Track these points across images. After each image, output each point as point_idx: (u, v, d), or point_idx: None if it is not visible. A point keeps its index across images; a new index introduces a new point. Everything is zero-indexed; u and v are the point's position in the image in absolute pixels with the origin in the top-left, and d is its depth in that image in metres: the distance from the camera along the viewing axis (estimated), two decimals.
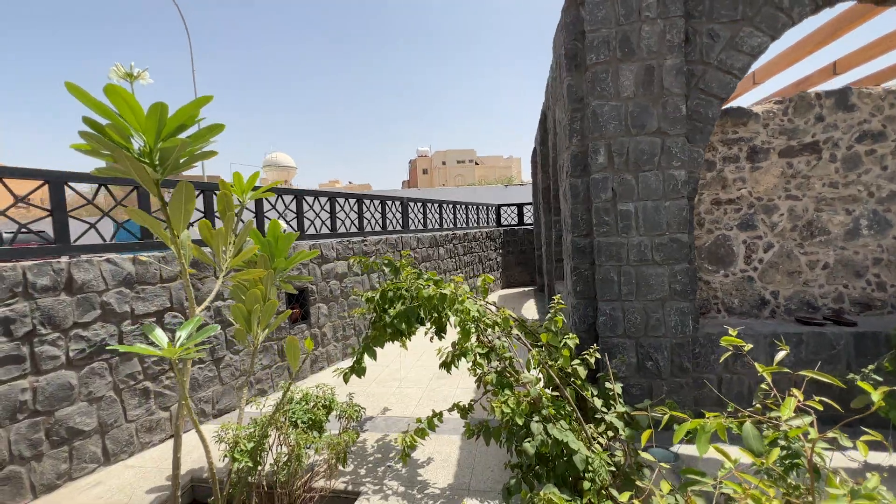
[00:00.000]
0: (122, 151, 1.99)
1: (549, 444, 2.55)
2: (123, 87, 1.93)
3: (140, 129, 2.07)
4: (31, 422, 3.37)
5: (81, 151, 2.12)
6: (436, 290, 2.90)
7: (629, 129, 3.78)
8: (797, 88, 8.18)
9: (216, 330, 2.37)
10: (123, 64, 2.14)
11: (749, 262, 4.29)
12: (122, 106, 1.97)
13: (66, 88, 1.92)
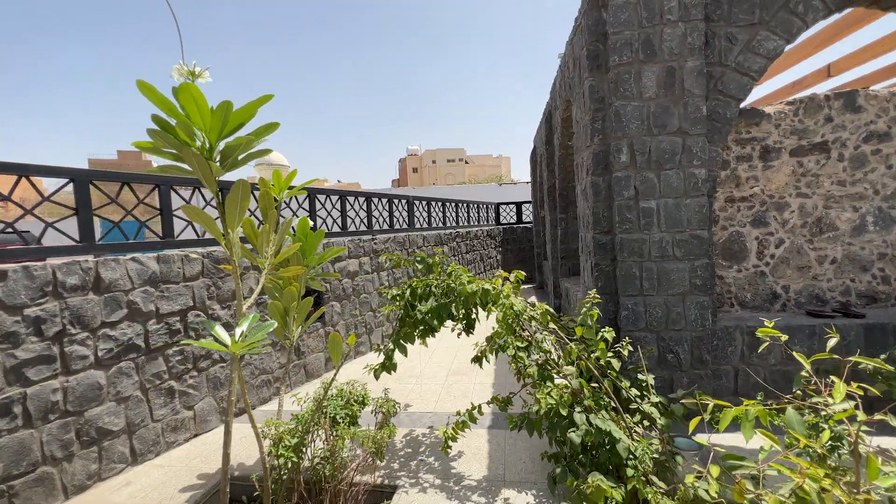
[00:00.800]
0: (189, 149, 2.01)
1: (592, 433, 2.64)
2: (196, 86, 1.95)
3: (204, 128, 2.09)
4: (62, 422, 3.34)
5: (143, 149, 2.14)
6: (479, 285, 2.96)
7: (651, 129, 3.90)
8: (792, 90, 8.44)
9: (273, 326, 2.40)
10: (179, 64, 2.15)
11: (761, 257, 4.45)
12: (190, 104, 1.99)
13: (137, 87, 1.93)
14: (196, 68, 2.17)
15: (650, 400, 3.01)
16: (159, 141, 2.05)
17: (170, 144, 2.05)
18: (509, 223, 14.73)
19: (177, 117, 2.04)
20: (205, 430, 4.41)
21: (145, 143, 2.15)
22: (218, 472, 3.63)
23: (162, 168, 2.20)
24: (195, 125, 2.05)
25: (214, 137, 2.15)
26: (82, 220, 3.72)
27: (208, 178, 2.17)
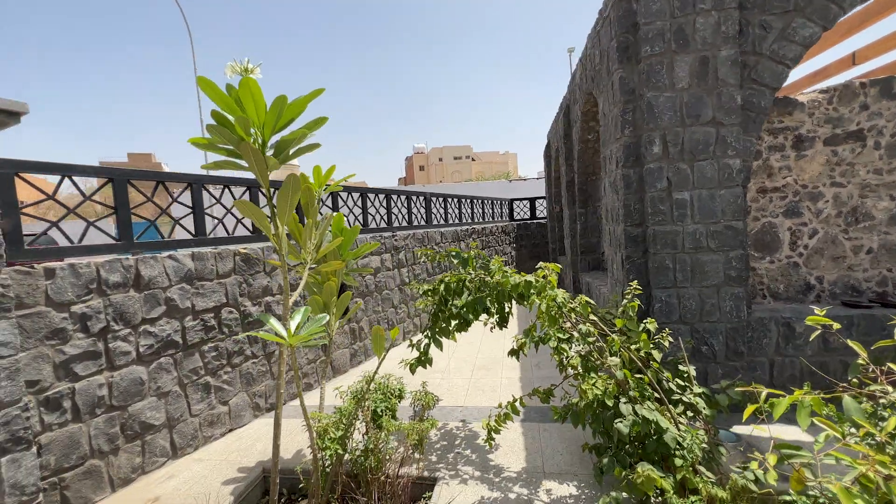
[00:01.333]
0: (247, 144, 2.04)
1: (639, 423, 2.64)
2: (255, 81, 1.97)
3: (259, 123, 2.12)
4: (108, 416, 3.41)
5: (198, 146, 2.17)
6: (522, 277, 2.97)
7: (684, 120, 3.87)
8: (813, 80, 8.31)
9: (325, 320, 2.42)
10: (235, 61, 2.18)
11: (794, 248, 4.40)
12: (248, 99, 2.02)
13: (198, 84, 1.96)
14: (248, 64, 2.19)
15: (693, 391, 3.00)
16: (216, 137, 2.08)
17: (227, 140, 2.08)
18: (523, 219, 14.68)
19: (233, 113, 2.07)
20: (239, 425, 4.47)
21: (201, 140, 2.18)
22: (257, 465, 3.68)
23: (217, 164, 2.23)
24: (252, 120, 2.07)
25: (269, 132, 2.18)
26: (121, 219, 3.78)
27: (263, 173, 2.19)
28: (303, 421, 4.45)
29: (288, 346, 2.23)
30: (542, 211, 14.94)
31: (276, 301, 4.97)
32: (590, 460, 3.39)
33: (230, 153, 2.20)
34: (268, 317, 2.30)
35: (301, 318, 2.35)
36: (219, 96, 2.01)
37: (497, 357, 6.30)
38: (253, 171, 2.17)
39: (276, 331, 2.23)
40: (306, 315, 2.39)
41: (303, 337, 2.22)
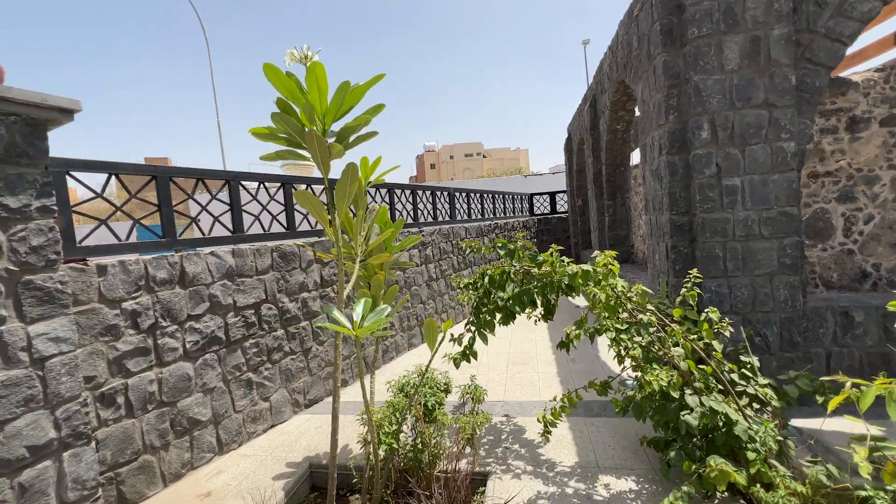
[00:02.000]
0: (312, 132, 2.00)
1: (707, 416, 2.54)
2: (322, 67, 1.93)
3: (321, 110, 2.08)
4: (159, 412, 3.43)
5: (259, 137, 2.14)
6: (579, 267, 2.89)
7: (734, 103, 3.73)
8: (851, 62, 8.01)
9: (388, 312, 2.38)
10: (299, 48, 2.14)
11: (848, 234, 4.23)
12: (313, 86, 1.97)
13: (263, 71, 1.92)
14: (308, 51, 2.15)
15: (757, 382, 2.89)
16: (279, 125, 2.04)
17: (290, 128, 2.04)
18: (543, 214, 14.53)
19: (296, 100, 2.03)
20: (279, 421, 4.48)
21: (262, 129, 2.15)
22: (304, 460, 3.67)
23: (278, 154, 2.20)
24: (315, 107, 2.03)
25: (330, 120, 2.13)
26: (165, 216, 3.80)
27: (325, 162, 2.15)
28: (346, 416, 4.44)
29: (354, 338, 2.19)
30: (563, 205, 14.77)
31: (312, 297, 4.96)
32: (645, 454, 3.30)
33: (291, 142, 2.17)
34: (331, 308, 2.26)
35: (364, 310, 2.31)
36: (283, 83, 1.98)
37: (530, 351, 6.21)
38: (315, 159, 2.13)
39: (341, 322, 2.19)
40: (368, 307, 2.35)
41: (369, 328, 2.18)
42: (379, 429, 2.96)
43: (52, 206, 2.68)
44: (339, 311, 2.51)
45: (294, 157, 2.20)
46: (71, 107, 2.82)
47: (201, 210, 4.12)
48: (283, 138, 2.17)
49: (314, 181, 5.50)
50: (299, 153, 2.19)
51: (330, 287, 5.24)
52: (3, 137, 2.52)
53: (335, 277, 5.33)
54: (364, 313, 2.29)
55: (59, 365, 2.73)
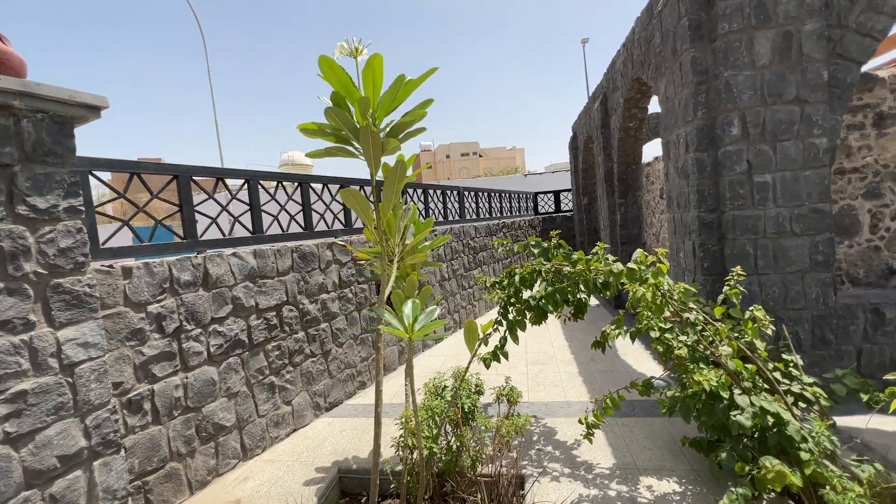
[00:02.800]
0: (367, 127, 1.92)
1: (758, 416, 2.49)
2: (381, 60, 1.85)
3: (375, 105, 2.00)
4: (184, 418, 3.34)
5: (307, 133, 2.06)
6: (620, 267, 2.83)
7: (765, 99, 3.69)
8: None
9: (437, 313, 2.31)
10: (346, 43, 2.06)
11: (875, 231, 4.21)
12: (369, 80, 1.90)
13: (318, 64, 1.85)
14: (358, 45, 2.07)
15: (802, 381, 2.85)
16: (333, 121, 1.96)
17: (344, 123, 1.96)
18: (548, 212, 14.50)
19: (350, 94, 1.95)
20: (301, 425, 4.39)
21: (310, 125, 2.07)
22: (333, 465, 3.59)
23: (327, 151, 2.12)
24: (371, 102, 1.96)
25: (383, 115, 2.06)
26: (186, 216, 3.70)
27: (377, 158, 2.08)
28: (369, 419, 4.36)
29: (408, 341, 2.12)
30: (567, 204, 14.75)
31: (331, 298, 4.88)
32: (683, 455, 3.26)
33: (340, 138, 2.09)
34: (382, 310, 2.19)
35: (413, 312, 2.24)
36: (338, 77, 1.90)
37: (548, 351, 6.16)
38: (367, 155, 2.05)
39: (394, 325, 2.12)
40: (417, 309, 2.27)
41: (423, 330, 2.11)
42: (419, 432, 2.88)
43: (79, 206, 2.59)
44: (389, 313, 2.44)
45: (344, 153, 2.12)
46: (98, 104, 2.72)
47: (221, 210, 4.02)
48: (330, 134, 2.09)
49: (347, 181, 5.37)
50: (349, 150, 2.11)
51: (348, 288, 5.15)
52: (31, 135, 2.42)
53: (353, 278, 5.24)
54: (415, 315, 2.21)
55: (89, 371, 2.64)
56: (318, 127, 2.06)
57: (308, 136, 2.11)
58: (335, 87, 1.94)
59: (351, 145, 2.11)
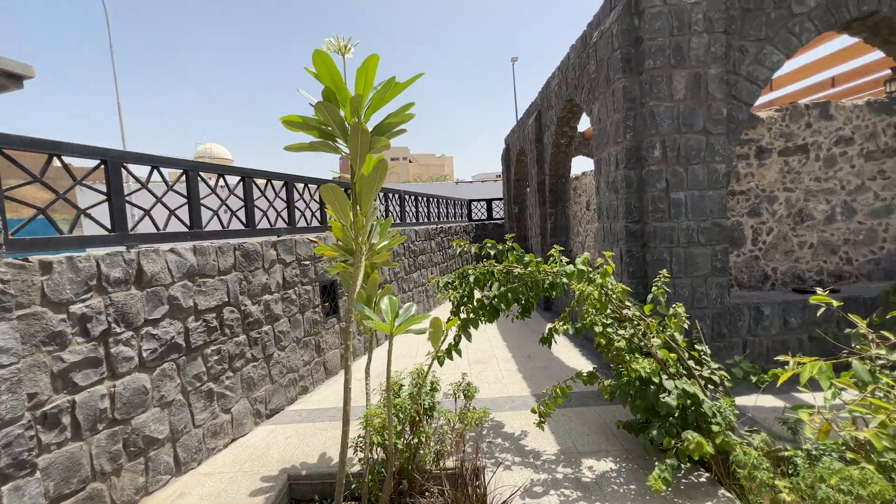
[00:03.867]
0: (358, 124, 1.96)
1: (682, 397, 2.93)
2: (376, 60, 1.90)
3: (362, 104, 2.05)
4: (111, 432, 2.98)
5: (290, 126, 2.05)
6: (573, 269, 3.13)
7: (680, 128, 4.33)
8: None
9: (413, 309, 2.37)
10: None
11: (756, 243, 5.11)
12: (362, 79, 1.95)
13: (313, 59, 1.85)
14: (344, 42, 2.10)
15: (711, 367, 3.39)
16: (321, 115, 1.97)
17: (333, 119, 1.97)
18: (480, 219, 15.06)
19: (341, 92, 1.98)
20: (241, 434, 4.12)
21: (294, 118, 2.06)
22: (281, 472, 3.44)
23: (312, 145, 2.11)
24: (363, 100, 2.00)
25: (371, 113, 2.10)
26: (115, 207, 3.32)
27: (363, 155, 2.11)
28: (315, 424, 4.24)
29: (390, 336, 2.17)
30: (498, 212, 15.46)
31: (274, 300, 4.65)
32: (616, 438, 3.66)
33: (325, 134, 2.09)
34: (361, 306, 2.21)
35: (391, 308, 2.29)
36: (330, 73, 1.91)
37: (488, 351, 6.45)
38: (353, 152, 2.08)
39: (376, 320, 2.16)
40: (395, 305, 2.33)
41: (404, 325, 2.17)
42: (382, 430, 2.91)
43: None
44: (351, 311, 2.46)
45: (328, 149, 2.12)
46: (22, 72, 2.40)
47: (157, 201, 3.66)
48: (314, 129, 2.08)
49: (293, 178, 5.10)
50: (334, 145, 2.11)
51: (292, 289, 4.95)
52: None
53: (297, 279, 5.05)
54: (394, 311, 2.26)
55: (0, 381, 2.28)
56: (302, 120, 2.04)
57: (290, 129, 2.08)
58: (326, 82, 1.94)
59: (335, 141, 2.12)
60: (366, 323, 2.09)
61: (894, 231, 5.21)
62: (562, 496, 2.95)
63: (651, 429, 2.98)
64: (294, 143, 2.12)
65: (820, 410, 2.68)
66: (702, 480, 3.03)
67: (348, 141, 2.02)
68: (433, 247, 9.85)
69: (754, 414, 4.05)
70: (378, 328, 2.14)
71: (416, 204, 9.79)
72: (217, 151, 26.06)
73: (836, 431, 2.57)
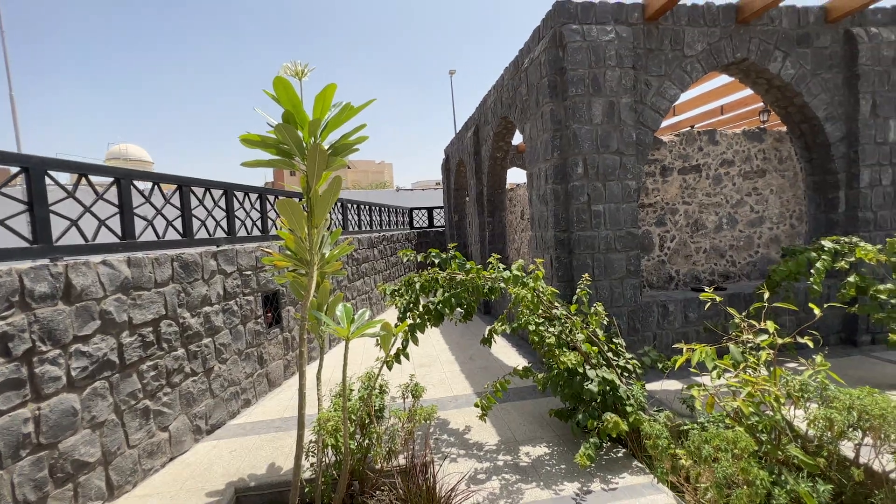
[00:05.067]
0: (316, 145, 2.14)
1: (602, 384, 3.39)
2: (333, 89, 2.09)
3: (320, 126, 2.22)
4: (35, 458, 2.80)
5: (248, 144, 2.18)
6: (509, 274, 3.48)
7: (598, 148, 4.93)
8: None
9: (367, 315, 2.55)
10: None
11: (662, 249, 5.90)
12: (320, 104, 2.13)
13: (273, 86, 2.00)
14: (300, 66, 2.26)
15: (625, 357, 3.92)
16: (281, 136, 2.12)
17: (292, 139, 2.13)
18: (422, 227, 15.33)
19: (299, 114, 2.14)
20: (180, 452, 3.97)
21: (253, 136, 2.18)
22: (227, 486, 3.41)
23: (270, 162, 2.23)
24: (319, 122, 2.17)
25: (327, 135, 2.28)
26: (37, 216, 3.11)
27: (319, 172, 2.28)
28: (261, 436, 4.21)
29: (346, 340, 2.33)
30: (439, 220, 15.85)
31: (215, 311, 4.53)
32: (549, 426, 4.07)
33: (282, 152, 2.23)
34: (317, 312, 2.35)
35: (346, 315, 2.45)
36: (290, 98, 2.07)
37: (431, 354, 6.70)
38: (310, 170, 2.24)
39: (332, 325, 2.31)
40: (350, 312, 2.49)
41: (360, 330, 2.35)
42: (336, 433, 3.03)
43: None
44: (306, 318, 2.59)
45: (287, 166, 2.25)
46: None
47: (84, 211, 3.47)
48: (271, 147, 2.22)
49: (232, 186, 4.95)
50: (292, 163, 2.25)
51: (234, 300, 4.84)
52: None
53: (238, 289, 4.94)
54: (349, 318, 2.43)
55: None
56: (260, 139, 2.17)
57: (248, 147, 2.19)
58: (286, 106, 2.09)
59: (293, 158, 2.26)
60: (323, 328, 2.23)
61: (766, 238, 6.30)
62: (502, 480, 3.26)
63: (577, 414, 3.41)
64: (251, 159, 2.23)
65: (706, 388, 3.26)
66: (619, 455, 3.51)
67: (306, 159, 2.18)
68: (376, 255, 9.94)
69: (661, 397, 4.69)
70: (337, 333, 2.29)
71: (358, 213, 9.82)
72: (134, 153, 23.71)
73: (719, 404, 3.15)
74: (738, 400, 2.90)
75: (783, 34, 5.35)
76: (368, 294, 9.32)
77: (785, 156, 6.32)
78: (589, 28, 4.88)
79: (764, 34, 5.30)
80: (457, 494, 2.91)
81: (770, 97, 5.73)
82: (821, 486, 2.53)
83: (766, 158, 6.27)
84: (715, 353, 3.21)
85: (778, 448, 2.88)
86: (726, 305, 5.41)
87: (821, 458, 2.78)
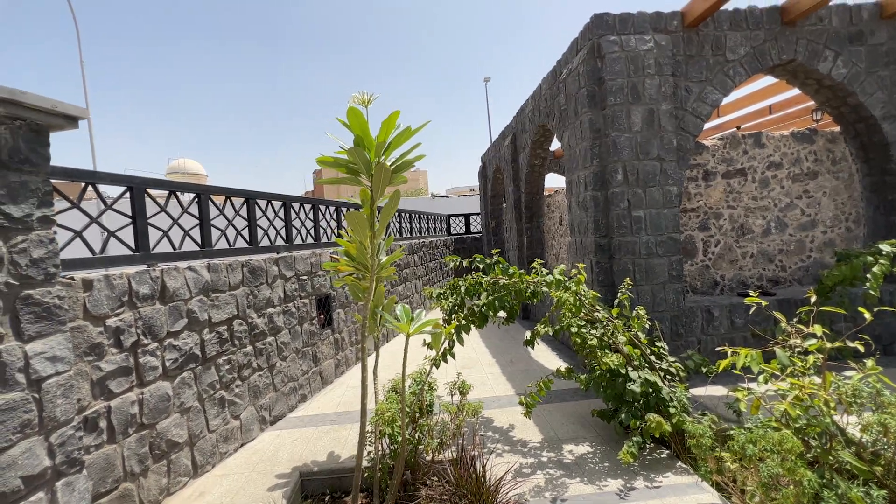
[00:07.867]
0: (382, 164, 2.43)
1: (645, 385, 3.48)
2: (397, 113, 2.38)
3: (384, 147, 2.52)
4: (139, 436, 3.26)
5: (323, 165, 2.50)
6: (552, 279, 3.66)
7: (638, 155, 5.01)
8: None
9: (425, 314, 2.82)
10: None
11: (706, 254, 5.84)
12: (385, 128, 2.43)
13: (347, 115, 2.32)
14: (366, 96, 2.57)
15: (668, 360, 3.97)
16: (353, 157, 2.43)
17: (361, 160, 2.44)
18: (459, 233, 15.62)
19: (367, 138, 2.45)
20: (249, 439, 4.39)
21: (328, 158, 2.51)
22: (293, 470, 3.76)
23: (339, 179, 2.55)
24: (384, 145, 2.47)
25: (389, 153, 2.58)
26: (139, 229, 3.62)
27: (384, 188, 2.58)
28: (318, 428, 4.57)
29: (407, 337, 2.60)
30: (476, 226, 16.09)
31: (276, 312, 4.97)
32: (591, 426, 4.18)
33: (352, 170, 2.55)
34: (381, 311, 2.64)
35: (405, 315, 2.73)
36: (360, 124, 2.38)
37: (472, 357, 6.91)
38: (376, 186, 2.54)
39: (394, 323, 2.59)
40: (408, 312, 2.77)
41: (419, 328, 2.62)
42: (392, 423, 3.30)
43: (52, 216, 2.58)
44: (368, 319, 2.88)
45: (354, 182, 2.57)
46: (78, 114, 2.75)
47: (173, 223, 3.98)
48: (342, 166, 2.54)
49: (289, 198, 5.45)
50: (358, 180, 2.57)
51: (292, 302, 5.28)
52: (8, 142, 2.41)
53: (296, 293, 5.38)
54: (408, 317, 2.71)
55: (56, 386, 2.57)
56: (334, 160, 2.49)
57: (323, 167, 2.52)
58: (355, 131, 2.41)
59: (359, 176, 2.58)
60: (386, 325, 2.51)
61: (819, 242, 6.08)
62: (547, 475, 3.43)
63: (620, 414, 3.51)
64: (327, 178, 2.57)
65: (752, 390, 3.29)
66: (663, 456, 3.57)
67: (372, 177, 2.49)
68: (416, 260, 10.30)
69: (705, 402, 4.67)
70: (399, 330, 2.57)
71: (399, 220, 10.23)
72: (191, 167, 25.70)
73: (765, 407, 3.16)
74: (784, 403, 2.93)
75: (833, 33, 5.23)
76: (409, 298, 9.67)
77: (839, 156, 6.10)
78: (627, 38, 5.00)
79: (812, 34, 5.20)
80: (504, 484, 3.11)
81: (821, 97, 5.58)
82: (874, 490, 2.53)
83: (818, 160, 6.07)
84: (761, 357, 3.24)
85: (829, 452, 2.88)
86: (775, 310, 5.29)
87: (878, 467, 2.76)
